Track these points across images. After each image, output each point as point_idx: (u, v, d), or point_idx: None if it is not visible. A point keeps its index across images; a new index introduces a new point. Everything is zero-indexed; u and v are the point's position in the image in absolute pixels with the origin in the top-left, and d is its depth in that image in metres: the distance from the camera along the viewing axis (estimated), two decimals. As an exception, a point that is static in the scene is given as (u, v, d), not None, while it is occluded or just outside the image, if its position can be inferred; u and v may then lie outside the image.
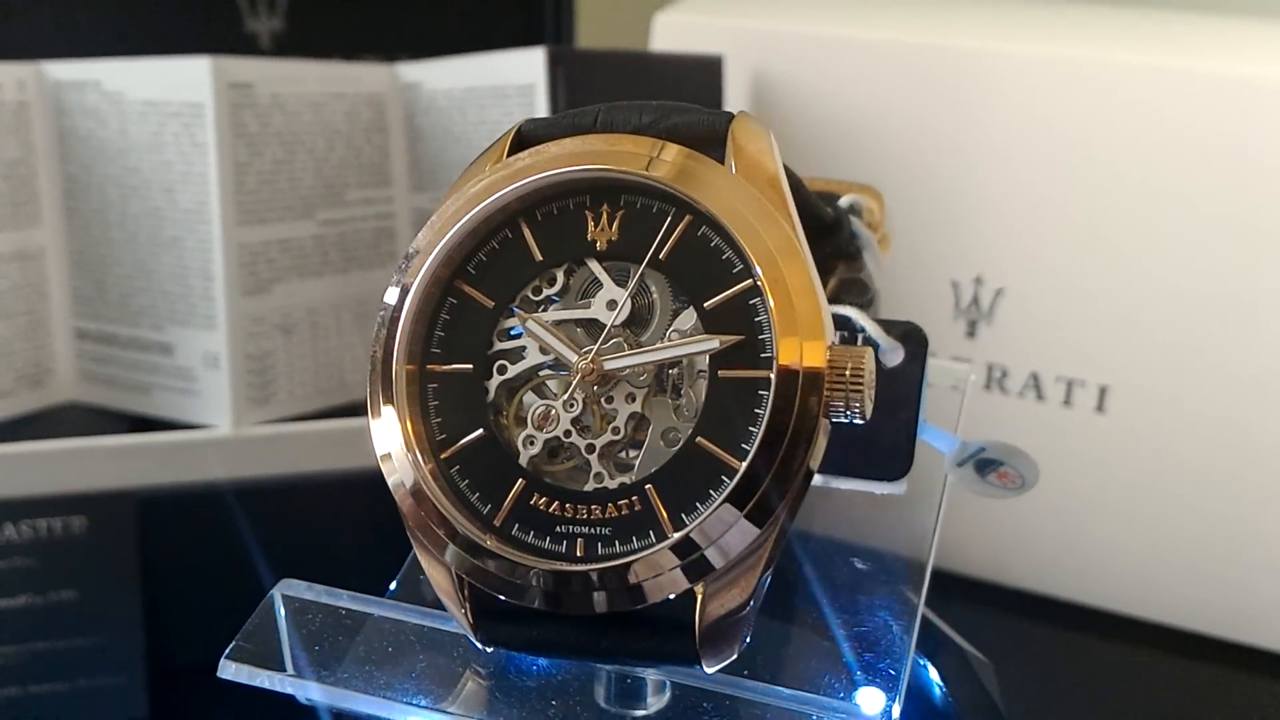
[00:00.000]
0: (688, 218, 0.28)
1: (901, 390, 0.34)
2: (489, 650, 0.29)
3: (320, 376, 0.57)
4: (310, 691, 0.31)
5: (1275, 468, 0.53)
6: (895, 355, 0.35)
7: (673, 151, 0.28)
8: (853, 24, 0.61)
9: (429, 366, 0.30)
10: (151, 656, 0.50)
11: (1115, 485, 0.56)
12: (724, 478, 0.27)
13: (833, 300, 0.35)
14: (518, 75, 0.54)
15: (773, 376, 0.26)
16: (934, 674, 0.37)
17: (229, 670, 0.31)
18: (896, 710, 0.30)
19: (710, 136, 0.28)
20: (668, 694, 0.31)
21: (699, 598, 0.27)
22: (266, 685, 0.31)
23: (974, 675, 0.41)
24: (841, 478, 0.35)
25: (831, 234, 0.38)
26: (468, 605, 0.29)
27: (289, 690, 0.31)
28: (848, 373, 0.26)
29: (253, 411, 0.54)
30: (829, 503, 0.37)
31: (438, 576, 0.29)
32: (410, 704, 0.30)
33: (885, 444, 0.34)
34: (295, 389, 0.56)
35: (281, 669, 0.31)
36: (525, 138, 0.30)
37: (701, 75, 0.58)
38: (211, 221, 0.53)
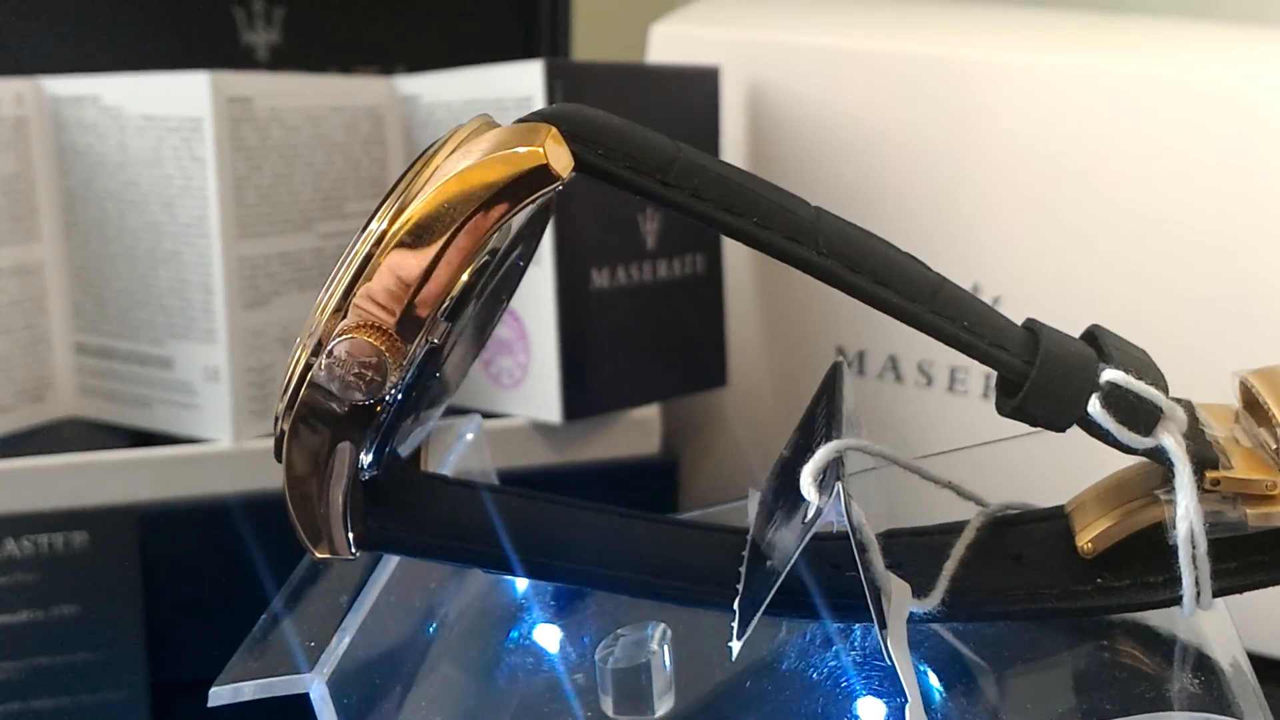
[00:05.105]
0: None
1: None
2: None
3: (320, 389, 0.57)
4: None
5: (1273, 472, 0.53)
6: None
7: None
8: (849, 35, 0.61)
9: None
10: (153, 671, 0.50)
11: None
12: None
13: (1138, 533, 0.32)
14: (516, 88, 0.54)
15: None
16: (933, 680, 0.37)
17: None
18: None
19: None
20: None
21: None
22: None
23: (974, 680, 0.41)
24: None
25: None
26: None
27: None
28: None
29: (253, 425, 0.54)
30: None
31: None
32: None
33: None
34: (295, 402, 0.56)
35: None
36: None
37: (698, 86, 0.58)
38: (211, 235, 0.53)
